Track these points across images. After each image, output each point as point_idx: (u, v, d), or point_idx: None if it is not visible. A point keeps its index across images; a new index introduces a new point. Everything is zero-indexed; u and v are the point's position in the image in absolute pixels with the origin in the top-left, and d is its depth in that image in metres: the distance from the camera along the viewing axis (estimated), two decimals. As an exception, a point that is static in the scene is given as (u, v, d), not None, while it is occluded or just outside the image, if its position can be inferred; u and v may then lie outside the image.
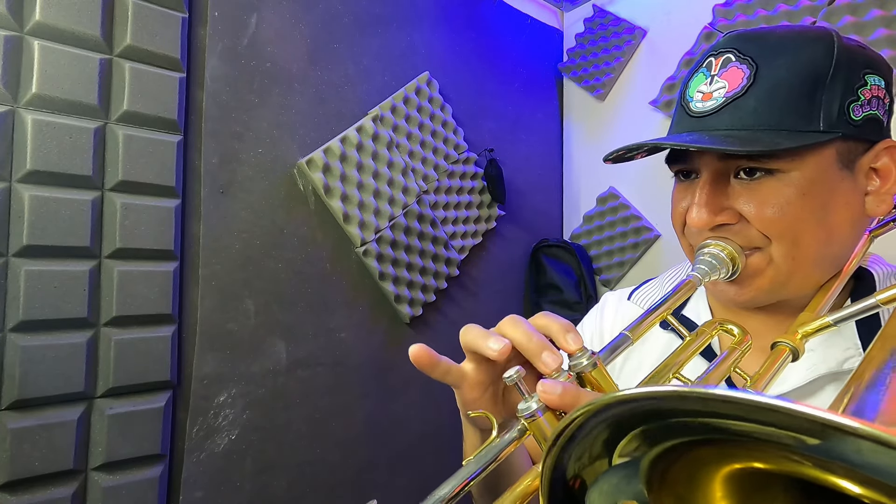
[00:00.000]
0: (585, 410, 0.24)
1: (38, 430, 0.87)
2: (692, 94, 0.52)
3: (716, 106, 0.49)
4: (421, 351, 0.43)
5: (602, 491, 0.28)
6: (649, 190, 1.61)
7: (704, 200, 0.50)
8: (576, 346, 0.40)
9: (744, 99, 0.48)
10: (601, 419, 0.25)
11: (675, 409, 0.23)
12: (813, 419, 0.17)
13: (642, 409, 0.24)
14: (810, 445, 0.19)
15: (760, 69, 0.48)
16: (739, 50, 0.50)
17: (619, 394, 0.23)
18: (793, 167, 0.48)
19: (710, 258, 0.49)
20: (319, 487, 1.20)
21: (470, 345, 0.43)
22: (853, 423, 0.16)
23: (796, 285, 0.52)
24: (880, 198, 0.51)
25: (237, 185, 1.12)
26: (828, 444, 0.18)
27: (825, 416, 0.17)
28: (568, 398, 0.35)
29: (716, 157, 0.50)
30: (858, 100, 0.48)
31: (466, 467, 0.36)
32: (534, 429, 0.37)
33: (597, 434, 0.26)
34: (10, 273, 0.87)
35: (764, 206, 0.48)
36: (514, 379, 0.37)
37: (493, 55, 1.65)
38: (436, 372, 0.44)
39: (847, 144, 0.49)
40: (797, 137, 0.46)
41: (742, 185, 0.50)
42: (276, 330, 1.16)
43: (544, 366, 0.39)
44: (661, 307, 0.46)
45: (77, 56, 0.92)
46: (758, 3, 1.34)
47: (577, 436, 0.26)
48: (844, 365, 0.51)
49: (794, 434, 0.19)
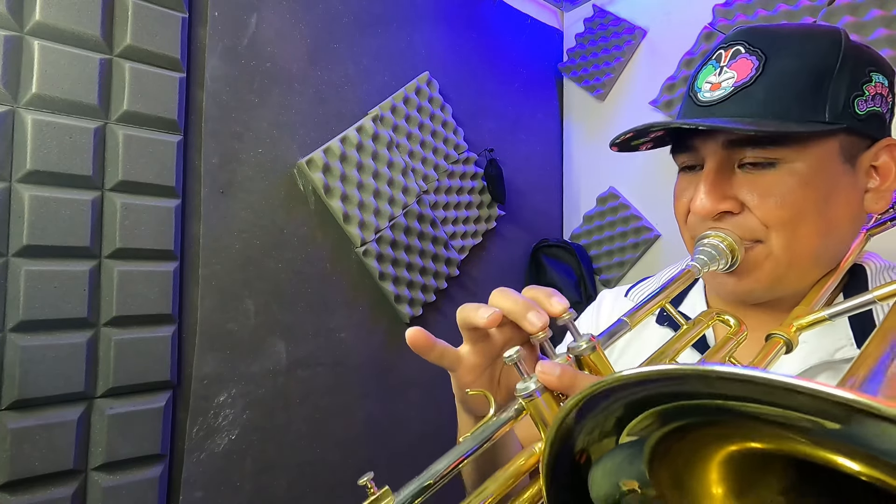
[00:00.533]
0: (610, 383, 0.24)
1: (38, 430, 0.87)
2: (700, 84, 0.53)
3: (724, 95, 0.50)
4: (417, 333, 0.44)
5: (606, 469, 0.28)
6: (649, 190, 1.61)
7: (709, 188, 0.51)
8: (560, 308, 0.41)
9: (752, 88, 0.49)
10: (619, 397, 0.25)
11: (695, 392, 0.23)
12: (838, 400, 0.16)
13: (660, 390, 0.24)
14: (829, 429, 0.19)
15: (769, 60, 0.49)
16: (749, 42, 0.51)
17: (642, 370, 0.23)
18: (797, 157, 0.48)
19: (710, 248, 0.50)
20: (319, 487, 1.20)
21: (464, 320, 0.44)
22: (880, 406, 0.16)
23: (794, 280, 0.52)
24: (879, 195, 0.52)
25: (237, 185, 1.12)
26: (848, 427, 0.18)
27: (851, 396, 0.16)
28: (566, 380, 0.36)
29: (721, 146, 0.51)
30: (863, 95, 0.49)
31: (462, 444, 0.37)
32: (531, 409, 0.37)
33: (612, 411, 0.26)
34: (10, 273, 0.87)
35: (766, 196, 0.49)
36: (514, 359, 0.37)
37: (493, 55, 1.65)
38: (432, 354, 0.45)
39: (850, 139, 0.49)
40: (804, 126, 0.47)
41: (746, 174, 0.51)
42: (276, 330, 1.16)
43: (530, 325, 0.40)
44: (659, 295, 0.46)
45: (77, 56, 0.92)
46: (758, 4, 1.34)
47: (593, 409, 0.26)
48: (836, 354, 0.51)
49: (813, 418, 0.19)
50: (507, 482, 0.37)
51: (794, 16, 1.27)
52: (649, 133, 0.54)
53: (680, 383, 0.23)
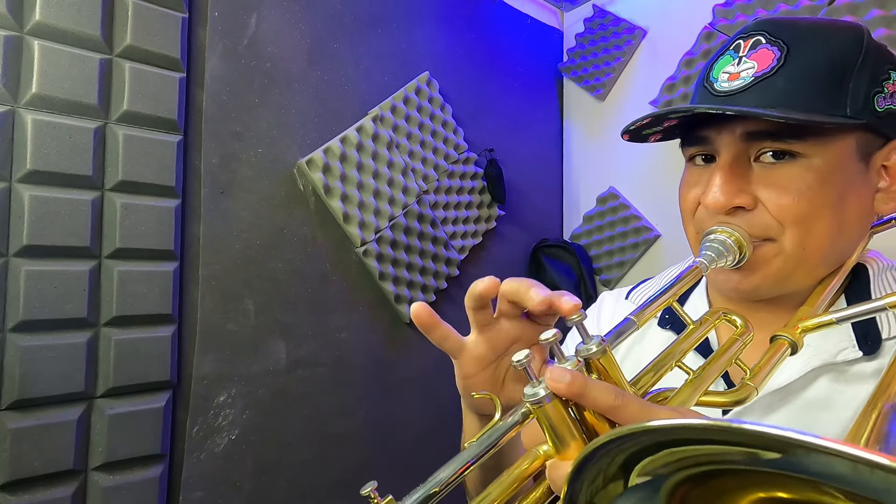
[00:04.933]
0: (584, 456, 0.23)
1: (38, 430, 0.87)
2: (717, 74, 0.51)
3: (743, 85, 0.49)
4: (422, 309, 0.44)
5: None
6: (649, 190, 1.61)
7: (724, 181, 0.49)
8: (571, 306, 0.41)
9: (773, 79, 0.47)
10: (609, 450, 0.23)
11: (694, 440, 0.22)
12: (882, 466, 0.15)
13: (654, 441, 0.22)
14: (871, 486, 0.18)
15: (791, 51, 0.48)
16: (770, 33, 0.49)
17: (632, 427, 0.21)
18: (815, 152, 0.47)
19: (718, 244, 0.49)
20: (319, 487, 1.20)
21: (469, 296, 0.44)
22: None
23: (800, 278, 0.52)
24: (890, 196, 0.51)
25: (237, 185, 1.12)
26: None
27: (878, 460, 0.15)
28: (575, 388, 0.34)
29: (738, 137, 0.50)
30: (883, 92, 0.48)
31: (468, 450, 0.36)
32: (539, 415, 0.36)
33: (614, 457, 0.24)
34: (10, 273, 0.87)
35: (783, 192, 0.48)
36: (524, 363, 0.36)
37: (493, 55, 1.65)
38: (434, 334, 0.44)
39: (866, 136, 0.49)
40: (827, 118, 0.46)
41: (763, 168, 0.49)
42: (276, 330, 1.16)
43: (531, 300, 0.41)
44: (667, 292, 0.45)
45: (77, 56, 0.92)
46: (758, 4, 1.34)
47: (591, 460, 0.24)
48: (839, 356, 0.50)
49: (836, 485, 0.18)
50: (511, 486, 0.36)
51: (793, 15, 1.27)
52: (664, 121, 0.52)
53: (701, 433, 0.21)
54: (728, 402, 0.42)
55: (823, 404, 0.50)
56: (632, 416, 0.34)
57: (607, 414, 0.35)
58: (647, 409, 0.35)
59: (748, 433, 0.19)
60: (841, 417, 0.49)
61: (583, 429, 0.36)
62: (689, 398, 0.40)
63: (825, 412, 0.50)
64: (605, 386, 0.35)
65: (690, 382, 0.42)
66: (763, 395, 0.52)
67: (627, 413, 0.34)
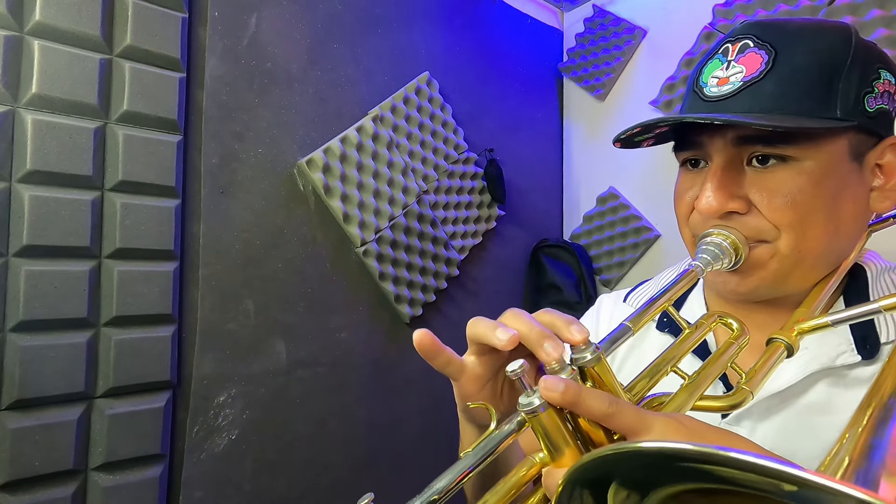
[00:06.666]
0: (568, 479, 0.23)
1: (38, 430, 0.87)
2: (706, 79, 0.51)
3: (732, 90, 0.49)
4: (425, 337, 0.43)
5: None
6: (649, 190, 1.61)
7: (717, 186, 0.49)
8: (581, 337, 0.39)
9: (762, 83, 0.47)
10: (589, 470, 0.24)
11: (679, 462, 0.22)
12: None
13: (642, 462, 0.22)
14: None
15: (779, 54, 0.47)
16: (758, 36, 0.49)
17: (603, 451, 0.22)
18: (807, 155, 0.47)
19: (714, 247, 0.49)
20: (319, 487, 1.20)
21: (479, 336, 0.42)
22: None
23: (797, 279, 0.52)
24: (885, 194, 0.51)
25: (237, 185, 1.12)
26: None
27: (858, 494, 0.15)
28: (569, 396, 0.35)
29: (730, 142, 0.50)
30: (873, 92, 0.48)
31: (464, 460, 0.36)
32: (534, 424, 0.36)
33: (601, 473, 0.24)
34: (10, 273, 0.87)
35: (776, 195, 0.48)
36: (518, 373, 0.36)
37: (493, 55, 1.65)
38: (437, 361, 0.44)
39: (859, 137, 0.49)
40: (818, 122, 0.46)
41: (755, 172, 0.49)
42: (276, 330, 1.16)
43: (546, 354, 0.39)
44: (662, 297, 0.45)
45: (77, 56, 0.92)
46: (758, 4, 1.34)
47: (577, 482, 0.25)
48: (837, 361, 0.50)
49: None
50: (509, 493, 0.36)
51: (794, 16, 1.27)
52: (655, 129, 0.52)
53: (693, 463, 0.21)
54: (724, 406, 0.42)
55: (822, 408, 0.50)
56: (626, 422, 0.35)
57: (601, 421, 0.35)
58: (641, 416, 0.35)
59: (733, 460, 0.19)
60: (839, 421, 0.49)
61: (578, 436, 0.36)
62: (684, 403, 0.40)
63: (824, 416, 0.50)
64: (598, 394, 0.35)
65: (686, 387, 0.42)
66: (762, 398, 0.52)
67: (621, 420, 0.35)
